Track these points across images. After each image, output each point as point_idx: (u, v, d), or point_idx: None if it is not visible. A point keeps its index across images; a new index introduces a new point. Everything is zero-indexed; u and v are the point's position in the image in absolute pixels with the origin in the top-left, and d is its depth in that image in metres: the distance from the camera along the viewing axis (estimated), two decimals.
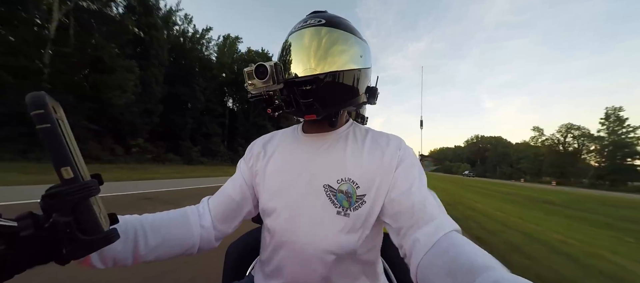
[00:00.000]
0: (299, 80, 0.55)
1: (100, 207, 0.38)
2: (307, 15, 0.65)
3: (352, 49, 0.60)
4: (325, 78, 0.55)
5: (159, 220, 0.58)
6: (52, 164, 0.32)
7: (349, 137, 0.65)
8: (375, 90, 0.67)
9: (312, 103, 0.55)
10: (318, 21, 0.59)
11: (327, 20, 0.59)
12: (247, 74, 0.57)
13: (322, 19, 0.59)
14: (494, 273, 0.35)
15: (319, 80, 0.55)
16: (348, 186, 0.58)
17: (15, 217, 0.34)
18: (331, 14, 0.64)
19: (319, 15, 0.61)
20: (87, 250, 0.35)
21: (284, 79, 0.57)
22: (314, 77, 0.55)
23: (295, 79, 0.56)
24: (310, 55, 0.57)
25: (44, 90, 0.33)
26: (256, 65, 0.55)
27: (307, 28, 0.59)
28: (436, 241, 0.46)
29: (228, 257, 0.94)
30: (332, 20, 0.60)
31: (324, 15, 0.61)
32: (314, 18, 0.60)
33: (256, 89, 0.58)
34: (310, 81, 0.54)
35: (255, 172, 0.69)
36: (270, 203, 0.63)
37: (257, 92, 0.59)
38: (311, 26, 0.59)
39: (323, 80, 0.55)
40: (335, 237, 0.57)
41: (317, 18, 0.60)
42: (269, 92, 0.59)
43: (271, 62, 0.55)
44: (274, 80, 0.55)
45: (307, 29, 0.59)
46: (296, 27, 0.61)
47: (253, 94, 0.60)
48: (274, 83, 0.55)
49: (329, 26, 0.59)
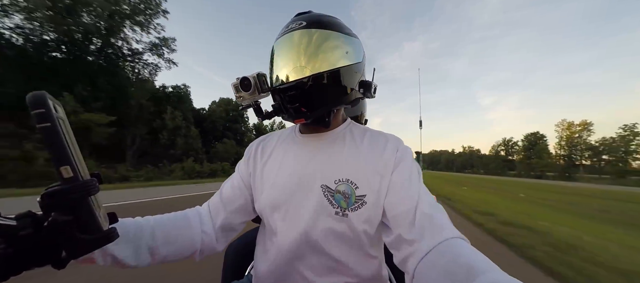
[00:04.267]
0: (283, 87, 0.55)
1: (100, 206, 0.38)
2: (292, 18, 0.64)
3: (336, 46, 0.58)
4: (308, 81, 0.54)
5: (159, 223, 0.58)
6: (52, 163, 0.32)
7: (346, 136, 0.65)
8: (370, 84, 0.64)
9: (299, 107, 0.55)
10: (299, 24, 0.58)
11: (308, 22, 0.58)
12: (234, 87, 0.59)
13: (304, 21, 0.58)
14: (492, 275, 0.35)
15: (303, 84, 0.54)
16: (346, 186, 0.57)
17: (14, 216, 0.34)
18: (315, 13, 0.62)
19: (301, 18, 0.60)
20: (86, 249, 0.35)
21: (269, 88, 0.59)
22: (297, 82, 0.54)
23: (279, 87, 0.56)
24: (294, 60, 0.57)
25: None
26: (241, 78, 0.57)
27: (289, 33, 0.58)
28: (434, 246, 0.45)
29: (227, 257, 0.94)
30: (314, 19, 0.59)
31: (306, 17, 0.60)
32: (296, 21, 0.59)
33: (245, 100, 0.60)
34: (293, 87, 0.54)
35: (253, 172, 0.69)
36: (268, 204, 0.63)
37: (247, 104, 0.61)
38: (292, 30, 0.58)
39: (307, 83, 0.54)
40: (333, 237, 0.57)
41: (299, 21, 0.59)
42: (257, 101, 0.61)
43: (254, 74, 0.57)
44: (258, 90, 0.57)
45: (289, 34, 0.58)
46: (280, 33, 0.61)
47: (243, 105, 0.62)
48: (259, 93, 0.57)
49: (311, 27, 0.57)
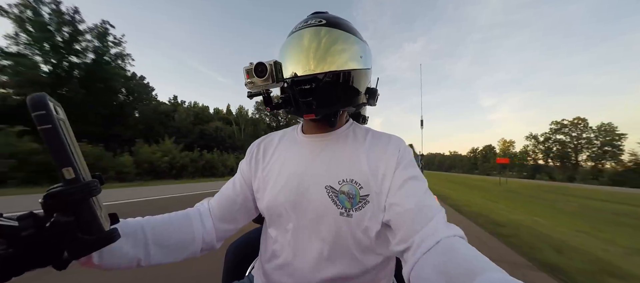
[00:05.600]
0: (298, 79, 0.55)
1: (101, 207, 0.38)
2: (308, 15, 0.65)
3: (352, 49, 0.60)
4: (324, 78, 0.55)
5: (160, 222, 0.58)
6: (54, 164, 0.32)
7: (349, 137, 0.65)
8: (375, 92, 0.67)
9: (311, 102, 0.55)
10: (318, 21, 0.59)
11: (327, 21, 0.59)
12: (247, 71, 0.56)
13: (323, 19, 0.59)
14: (491, 275, 0.34)
15: (318, 80, 0.55)
16: (350, 187, 0.57)
17: (16, 217, 0.35)
18: (332, 14, 0.64)
19: (319, 16, 0.61)
20: (88, 249, 0.35)
21: (283, 78, 0.57)
22: (313, 76, 0.55)
23: (294, 78, 0.56)
24: (310, 55, 0.57)
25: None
26: (256, 63, 0.55)
27: (307, 28, 0.59)
28: (433, 244, 0.44)
29: (228, 257, 0.94)
30: (333, 20, 0.60)
31: (325, 16, 0.61)
32: (315, 18, 0.60)
33: (255, 87, 0.58)
34: (309, 80, 0.54)
35: (255, 172, 0.69)
36: (271, 204, 0.63)
37: (256, 91, 0.60)
38: (311, 26, 0.59)
39: (322, 79, 0.55)
40: (338, 238, 0.57)
41: (317, 18, 0.60)
42: (268, 90, 0.60)
43: (271, 61, 0.55)
44: (273, 79, 0.55)
45: (307, 29, 0.59)
46: (296, 27, 0.61)
47: (252, 92, 0.60)
48: (273, 81, 0.55)
49: (329, 26, 0.58)
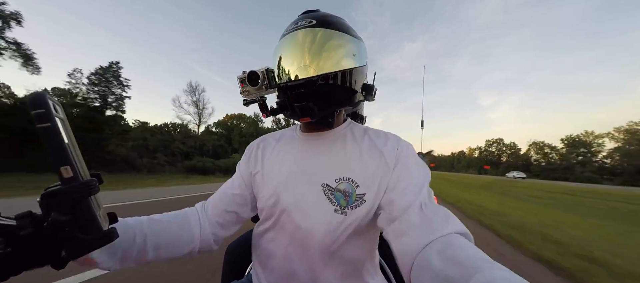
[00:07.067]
0: (292, 84, 0.55)
1: (100, 206, 0.38)
2: (299, 15, 0.64)
3: (345, 48, 0.59)
4: (318, 80, 0.54)
5: (159, 222, 0.58)
6: (52, 163, 0.32)
7: (347, 136, 0.65)
8: (372, 87, 0.65)
9: (307, 106, 0.55)
10: (309, 22, 0.58)
11: (318, 20, 0.58)
12: (240, 80, 0.57)
13: (313, 19, 0.58)
14: (492, 272, 0.34)
15: (312, 83, 0.54)
16: (346, 185, 0.57)
17: (14, 216, 0.34)
18: (323, 12, 0.62)
19: (310, 16, 0.60)
20: (86, 249, 0.35)
21: (277, 84, 0.57)
22: (307, 80, 0.54)
23: (288, 83, 0.55)
24: (303, 58, 0.57)
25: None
26: (248, 72, 0.56)
27: (298, 30, 0.58)
28: (432, 240, 0.44)
29: (227, 257, 0.94)
30: (324, 19, 0.59)
31: (315, 15, 0.60)
32: (305, 19, 0.59)
33: (250, 95, 0.58)
34: (303, 84, 0.54)
35: (253, 172, 0.69)
36: (268, 203, 0.63)
37: (252, 98, 0.60)
38: (302, 27, 0.58)
39: (316, 82, 0.54)
40: (332, 235, 0.57)
41: (308, 18, 0.59)
42: (263, 97, 0.60)
43: (263, 68, 0.55)
44: (266, 86, 0.55)
45: (298, 31, 0.58)
46: (288, 29, 0.60)
47: (247, 100, 0.61)
48: (266, 89, 0.56)
49: (320, 26, 0.57)
